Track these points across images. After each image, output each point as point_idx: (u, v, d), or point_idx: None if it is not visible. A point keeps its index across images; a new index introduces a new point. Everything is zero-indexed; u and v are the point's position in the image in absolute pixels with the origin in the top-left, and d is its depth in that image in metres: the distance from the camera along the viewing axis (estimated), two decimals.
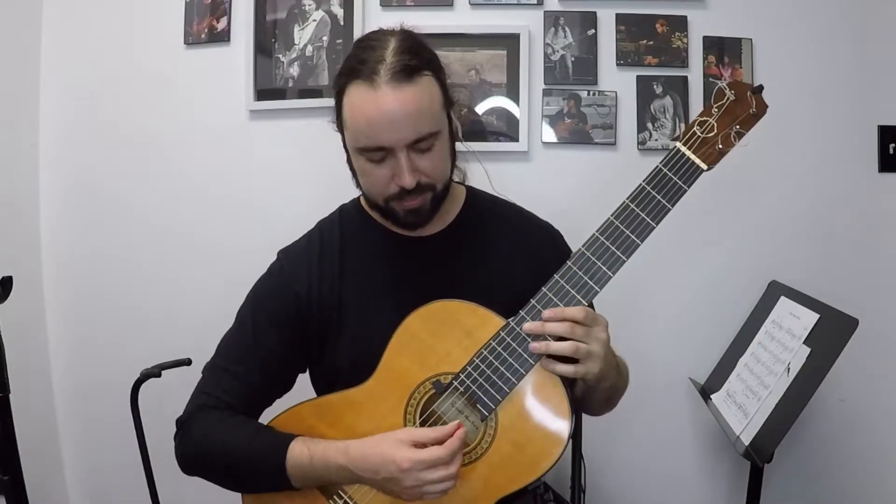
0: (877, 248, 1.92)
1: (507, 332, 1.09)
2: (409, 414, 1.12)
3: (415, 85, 1.08)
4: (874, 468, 1.91)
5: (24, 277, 1.60)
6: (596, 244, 1.10)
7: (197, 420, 1.19)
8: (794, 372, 1.46)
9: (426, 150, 1.12)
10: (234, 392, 1.20)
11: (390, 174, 1.12)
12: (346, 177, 1.33)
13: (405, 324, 1.13)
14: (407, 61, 1.08)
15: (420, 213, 1.16)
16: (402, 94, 1.07)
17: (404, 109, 1.07)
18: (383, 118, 1.07)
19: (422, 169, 1.12)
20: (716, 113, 1.12)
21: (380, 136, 1.08)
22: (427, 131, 1.10)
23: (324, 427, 1.14)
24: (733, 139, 1.11)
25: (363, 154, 1.12)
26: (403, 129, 1.08)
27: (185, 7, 2.02)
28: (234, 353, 1.23)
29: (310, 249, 1.25)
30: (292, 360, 1.24)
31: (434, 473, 1.03)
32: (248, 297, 1.27)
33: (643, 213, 1.09)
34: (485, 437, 1.10)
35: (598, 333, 1.08)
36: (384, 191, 1.14)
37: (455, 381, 1.11)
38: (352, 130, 1.12)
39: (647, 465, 1.98)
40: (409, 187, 1.11)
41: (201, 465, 1.19)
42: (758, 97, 1.12)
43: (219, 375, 1.22)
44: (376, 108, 1.07)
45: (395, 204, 1.15)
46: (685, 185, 1.10)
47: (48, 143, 2.08)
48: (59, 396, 2.11)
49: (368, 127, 1.09)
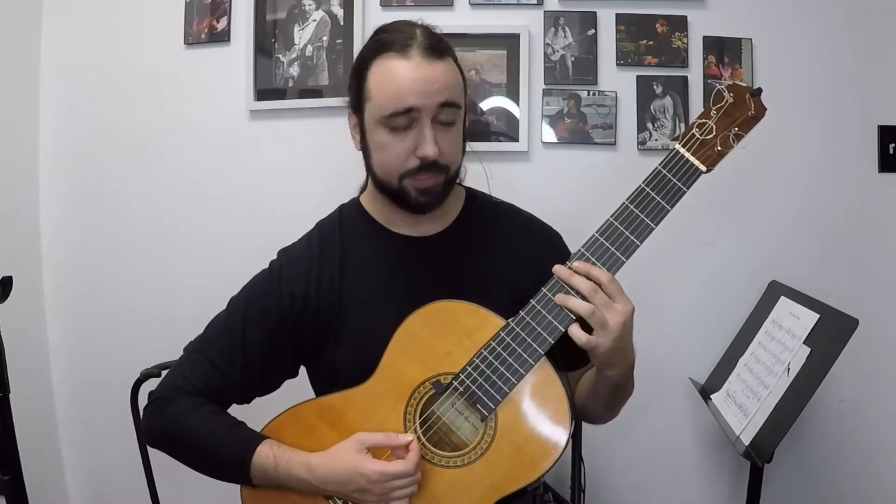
0: (877, 248, 1.92)
1: (506, 333, 1.09)
2: (409, 414, 1.12)
3: (443, 62, 1.14)
4: (874, 468, 1.91)
5: (24, 277, 1.60)
6: (595, 245, 1.10)
7: (173, 401, 1.20)
8: (794, 372, 1.46)
9: (447, 125, 1.15)
10: (211, 383, 1.21)
11: (411, 146, 1.13)
12: (347, 176, 1.33)
13: (405, 324, 1.13)
14: (435, 42, 1.14)
15: (431, 193, 1.17)
16: (435, 66, 1.12)
17: (435, 77, 1.12)
18: (414, 82, 1.10)
19: (441, 146, 1.13)
20: (714, 115, 1.12)
21: (409, 99, 1.10)
22: (453, 99, 1.14)
23: (324, 427, 1.14)
24: (732, 141, 1.11)
25: (387, 123, 1.13)
26: (432, 94, 1.11)
27: (185, 7, 2.02)
28: (218, 344, 1.23)
29: (310, 250, 1.25)
30: (278, 363, 1.24)
31: (399, 482, 1.07)
32: (243, 290, 1.27)
33: (643, 214, 1.09)
34: (484, 438, 1.10)
35: (620, 308, 1.06)
36: (402, 165, 1.15)
37: (455, 381, 1.10)
38: (378, 98, 1.13)
39: (647, 465, 1.98)
40: (432, 156, 1.12)
41: (167, 443, 1.21)
42: (756, 100, 1.13)
43: (200, 362, 1.22)
44: (408, 73, 1.11)
45: (410, 182, 1.16)
46: (684, 187, 1.10)
47: (48, 143, 2.08)
48: (59, 396, 2.11)
49: (397, 91, 1.11)
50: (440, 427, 1.13)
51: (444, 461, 1.11)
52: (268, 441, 1.14)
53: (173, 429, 1.19)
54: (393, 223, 1.25)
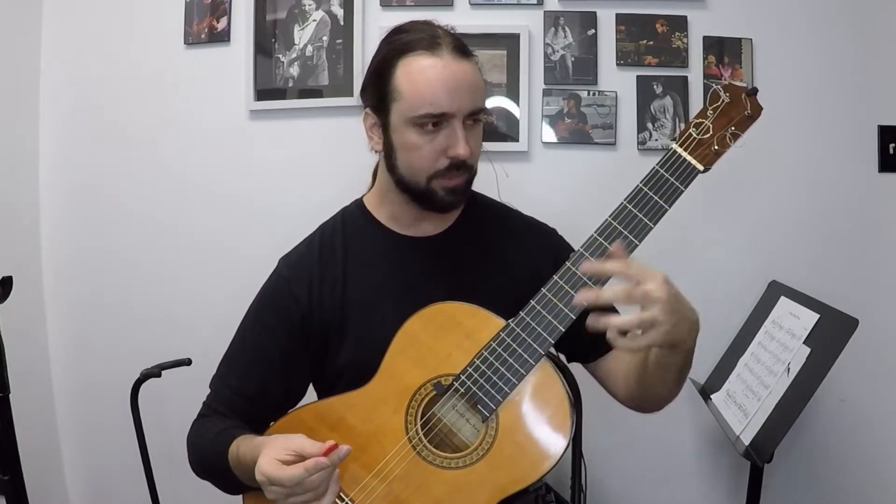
0: (877, 248, 1.92)
1: (507, 333, 1.09)
2: (411, 416, 1.12)
3: (471, 62, 1.14)
4: (874, 468, 1.91)
5: (24, 277, 1.60)
6: (594, 245, 1.09)
7: (191, 429, 1.22)
8: (794, 372, 1.46)
9: (473, 127, 1.15)
10: (231, 405, 1.21)
11: (442, 147, 1.13)
12: (347, 177, 1.33)
13: (405, 326, 1.13)
14: (461, 42, 1.15)
15: (458, 192, 1.17)
16: (464, 65, 1.12)
17: (467, 78, 1.12)
18: (449, 84, 1.10)
19: (471, 145, 1.14)
20: (711, 115, 1.12)
21: (442, 102, 1.10)
22: (482, 105, 1.15)
23: (325, 430, 1.14)
24: (729, 141, 1.11)
25: (418, 124, 1.12)
26: (465, 97, 1.11)
27: (185, 7, 2.02)
28: (233, 366, 1.24)
29: (310, 253, 1.25)
30: (296, 369, 1.24)
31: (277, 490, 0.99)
32: (250, 308, 1.26)
33: (641, 214, 1.09)
34: (486, 439, 1.10)
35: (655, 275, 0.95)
36: (432, 166, 1.14)
37: (456, 382, 1.10)
38: (410, 99, 1.12)
39: (647, 465, 1.98)
40: (464, 157, 1.12)
41: (201, 473, 1.21)
42: (752, 99, 1.13)
43: (219, 387, 1.24)
44: (442, 73, 1.10)
45: (438, 182, 1.15)
46: (682, 186, 1.10)
47: (48, 143, 2.08)
48: (59, 396, 2.11)
49: (433, 92, 1.10)
50: (441, 429, 1.13)
51: (445, 462, 1.11)
52: (236, 440, 1.12)
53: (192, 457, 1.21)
54: (395, 223, 1.25)
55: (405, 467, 1.10)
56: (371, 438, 1.12)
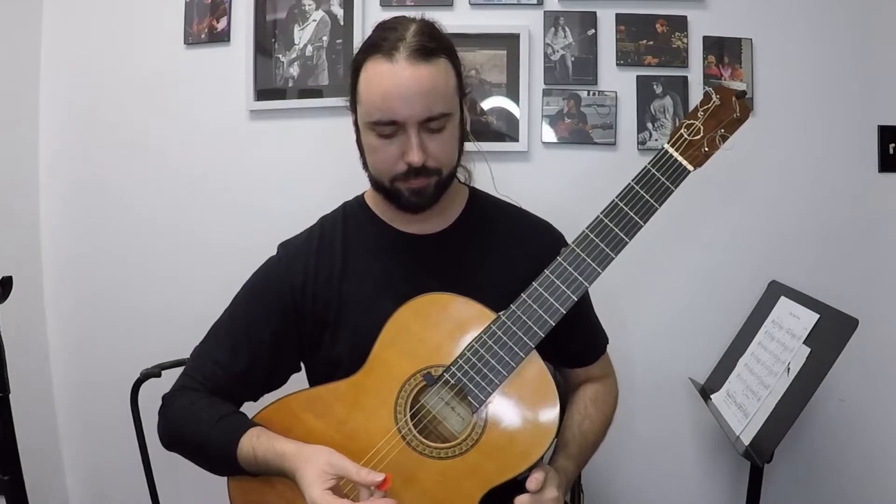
0: (877, 249, 1.92)
1: (497, 326, 1.11)
2: (400, 406, 1.12)
3: (431, 65, 1.11)
4: (874, 468, 1.91)
5: (24, 277, 1.60)
6: (586, 241, 1.12)
7: (175, 399, 1.21)
8: (794, 372, 1.46)
9: (436, 131, 1.14)
10: (215, 379, 1.20)
11: (399, 151, 1.13)
12: (347, 176, 1.33)
13: (395, 316, 1.13)
14: (426, 42, 1.11)
15: (423, 194, 1.17)
16: (419, 71, 1.09)
17: (419, 85, 1.09)
18: (398, 92, 1.09)
19: (430, 150, 1.13)
20: (701, 116, 1.15)
21: (393, 110, 1.10)
22: (439, 112, 1.12)
23: (312, 419, 1.14)
24: (718, 142, 1.14)
25: (374, 129, 1.13)
26: (417, 105, 1.10)
27: (185, 7, 2.02)
28: (221, 341, 1.23)
29: (309, 243, 1.26)
30: (283, 355, 1.24)
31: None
32: (244, 287, 1.27)
33: (631, 212, 1.12)
34: (475, 429, 1.11)
35: None
36: (391, 169, 1.15)
37: (446, 373, 1.11)
38: (366, 104, 1.13)
39: (647, 465, 1.98)
40: (417, 164, 1.12)
41: (177, 445, 1.20)
42: (741, 102, 1.16)
43: (203, 361, 1.23)
44: (392, 81, 1.09)
45: (401, 184, 1.16)
46: (672, 186, 1.13)
47: (48, 143, 2.08)
48: (59, 396, 2.11)
49: (383, 100, 1.10)
50: (431, 419, 1.14)
51: (435, 452, 1.11)
52: (251, 431, 1.12)
53: (173, 428, 1.20)
54: (395, 220, 1.25)
55: (395, 457, 1.11)
56: (359, 428, 1.12)
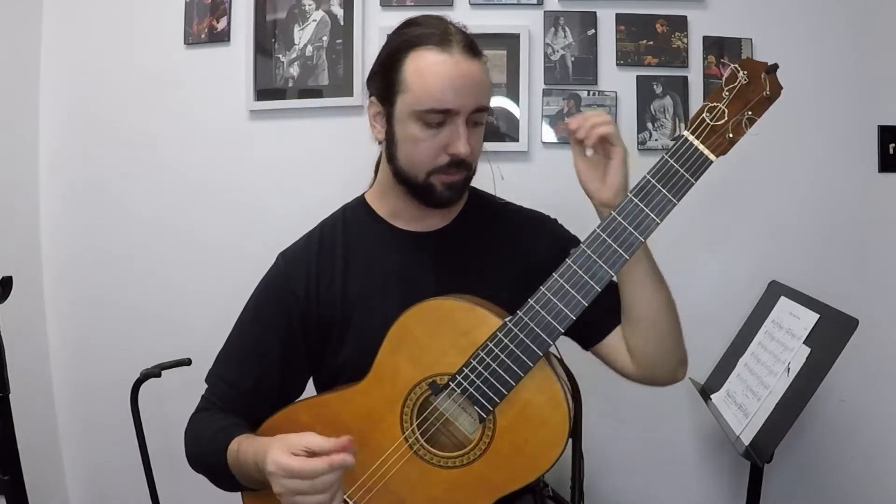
0: (877, 248, 1.92)
1: (504, 334, 1.06)
2: (406, 415, 1.12)
3: (480, 61, 1.15)
4: (874, 468, 1.91)
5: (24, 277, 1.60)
6: (597, 242, 1.06)
7: (190, 422, 1.23)
8: (794, 372, 1.46)
9: (477, 126, 1.16)
10: (227, 398, 1.21)
11: (443, 143, 1.13)
12: (347, 176, 1.33)
13: (399, 322, 1.12)
14: (472, 40, 1.16)
15: (456, 188, 1.18)
16: (473, 64, 1.13)
17: (474, 77, 1.13)
18: (457, 81, 1.11)
19: (471, 144, 1.14)
20: (726, 97, 1.03)
21: (448, 99, 1.11)
22: (486, 104, 1.16)
23: (320, 427, 1.13)
24: (744, 126, 1.02)
25: (422, 119, 1.13)
26: (471, 95, 1.12)
27: (185, 7, 2.02)
28: (230, 359, 1.24)
29: (308, 249, 1.25)
30: (293, 365, 1.24)
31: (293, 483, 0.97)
32: (247, 303, 1.27)
33: (647, 209, 1.03)
34: (483, 439, 1.09)
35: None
36: (432, 161, 1.15)
37: (452, 383, 1.09)
38: (416, 93, 1.12)
39: (647, 465, 1.98)
40: (464, 155, 1.13)
41: (194, 465, 1.21)
42: (772, 77, 1.03)
43: (215, 381, 1.24)
44: (451, 71, 1.11)
45: (437, 177, 1.16)
46: (692, 178, 1.03)
47: (48, 143, 2.08)
48: (59, 396, 2.11)
49: (440, 88, 1.11)
50: (438, 428, 1.13)
51: (442, 462, 1.10)
52: (238, 437, 1.11)
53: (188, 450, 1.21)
54: (397, 219, 1.25)
55: (402, 466, 1.10)
56: (367, 436, 1.11)
